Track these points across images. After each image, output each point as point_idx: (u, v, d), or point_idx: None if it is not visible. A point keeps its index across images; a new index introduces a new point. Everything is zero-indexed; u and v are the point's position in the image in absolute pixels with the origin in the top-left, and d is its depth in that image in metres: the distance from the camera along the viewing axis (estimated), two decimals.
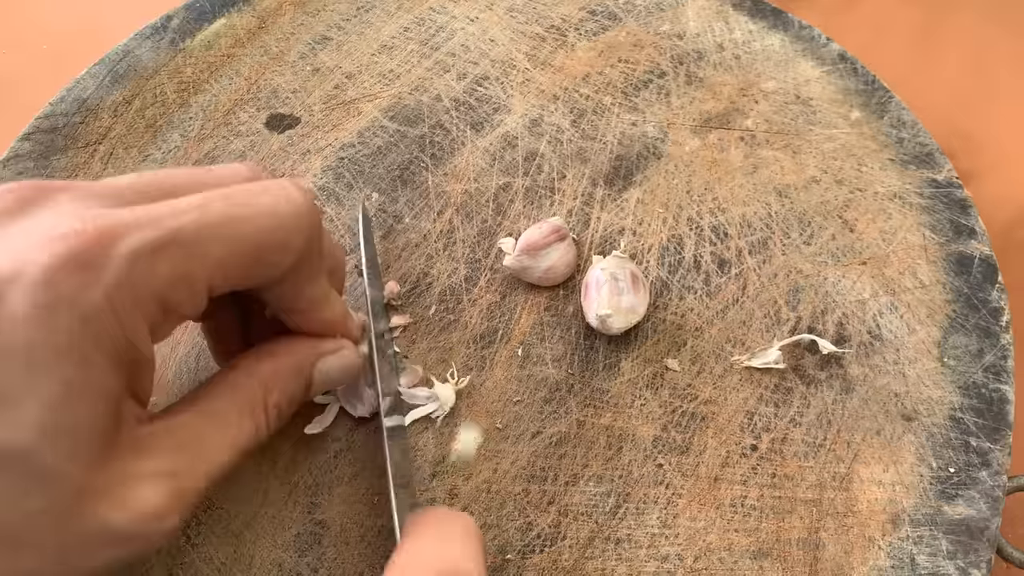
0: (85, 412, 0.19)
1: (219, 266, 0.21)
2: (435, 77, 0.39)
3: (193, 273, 0.20)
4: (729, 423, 0.30)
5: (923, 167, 0.37)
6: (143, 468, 0.20)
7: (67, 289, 0.18)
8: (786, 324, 0.32)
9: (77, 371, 0.18)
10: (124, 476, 0.20)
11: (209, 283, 0.21)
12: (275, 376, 0.25)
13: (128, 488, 0.20)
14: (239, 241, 0.21)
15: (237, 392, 0.24)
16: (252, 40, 0.41)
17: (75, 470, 0.19)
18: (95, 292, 0.18)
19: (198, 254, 0.20)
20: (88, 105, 0.37)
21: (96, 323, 0.18)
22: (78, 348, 0.18)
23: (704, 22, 0.42)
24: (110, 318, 0.19)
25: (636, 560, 0.27)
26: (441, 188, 0.36)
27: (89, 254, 0.18)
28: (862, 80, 0.39)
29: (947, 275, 0.33)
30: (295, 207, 0.22)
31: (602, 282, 0.31)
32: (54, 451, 0.18)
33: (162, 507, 0.20)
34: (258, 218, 0.21)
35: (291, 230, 0.22)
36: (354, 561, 0.27)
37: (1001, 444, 0.29)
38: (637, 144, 0.37)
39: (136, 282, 0.19)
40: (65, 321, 0.18)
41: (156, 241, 0.19)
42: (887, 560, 0.27)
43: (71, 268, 0.18)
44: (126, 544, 0.20)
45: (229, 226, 0.21)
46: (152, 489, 0.20)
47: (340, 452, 0.29)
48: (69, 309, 0.18)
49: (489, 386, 0.30)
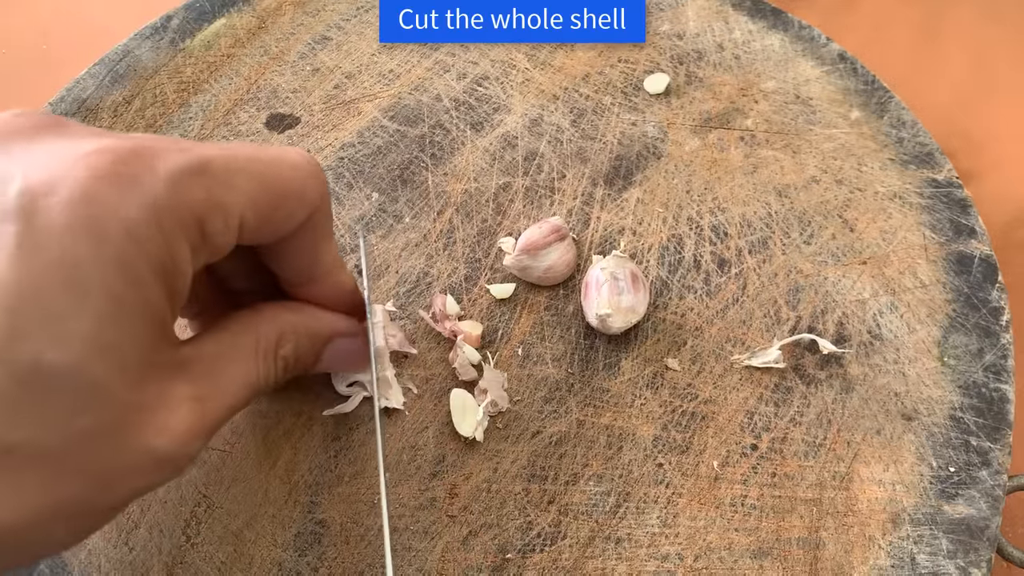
0: (134, 328, 0.18)
1: (248, 199, 0.21)
2: (435, 77, 0.39)
3: (227, 202, 0.20)
4: (729, 423, 0.30)
5: (923, 167, 0.37)
6: (179, 391, 0.20)
7: (111, 202, 0.17)
8: (786, 324, 0.32)
9: (126, 286, 0.18)
10: (163, 397, 0.19)
11: (241, 215, 0.20)
12: (293, 329, 0.25)
13: (167, 409, 0.19)
14: (264, 179, 0.21)
15: (254, 332, 0.24)
16: (252, 40, 0.41)
17: (123, 388, 0.18)
18: (140, 206, 0.18)
19: (230, 183, 0.20)
20: (88, 105, 0.37)
21: (143, 238, 0.18)
22: (126, 262, 0.18)
23: (704, 22, 0.42)
24: (156, 234, 0.18)
25: (636, 559, 0.27)
26: (441, 188, 0.36)
27: (131, 168, 0.18)
28: (862, 80, 0.39)
29: (947, 275, 0.33)
30: (308, 162, 0.23)
31: (602, 282, 0.31)
32: (104, 367, 0.18)
33: (197, 430, 0.20)
34: (277, 163, 0.22)
35: (307, 179, 0.22)
36: (354, 561, 0.27)
37: (1001, 443, 0.29)
38: (637, 144, 0.37)
39: (177, 202, 0.19)
40: (112, 234, 0.17)
41: (191, 164, 0.19)
42: (887, 559, 0.27)
43: (113, 181, 0.18)
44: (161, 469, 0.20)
45: (254, 165, 0.21)
46: (184, 411, 0.20)
47: (340, 452, 0.29)
48: (116, 223, 0.17)
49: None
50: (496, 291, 0.32)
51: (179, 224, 0.19)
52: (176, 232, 0.19)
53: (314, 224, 0.23)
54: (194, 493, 0.28)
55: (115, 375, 0.18)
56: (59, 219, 0.17)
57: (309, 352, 0.26)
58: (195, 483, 0.28)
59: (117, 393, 0.18)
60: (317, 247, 0.24)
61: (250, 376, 0.23)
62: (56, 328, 0.17)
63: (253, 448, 0.29)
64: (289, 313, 0.25)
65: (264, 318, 0.24)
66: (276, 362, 0.24)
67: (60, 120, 0.20)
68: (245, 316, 0.24)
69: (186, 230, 0.19)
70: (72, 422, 0.18)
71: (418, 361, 0.31)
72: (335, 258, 0.25)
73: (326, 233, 0.24)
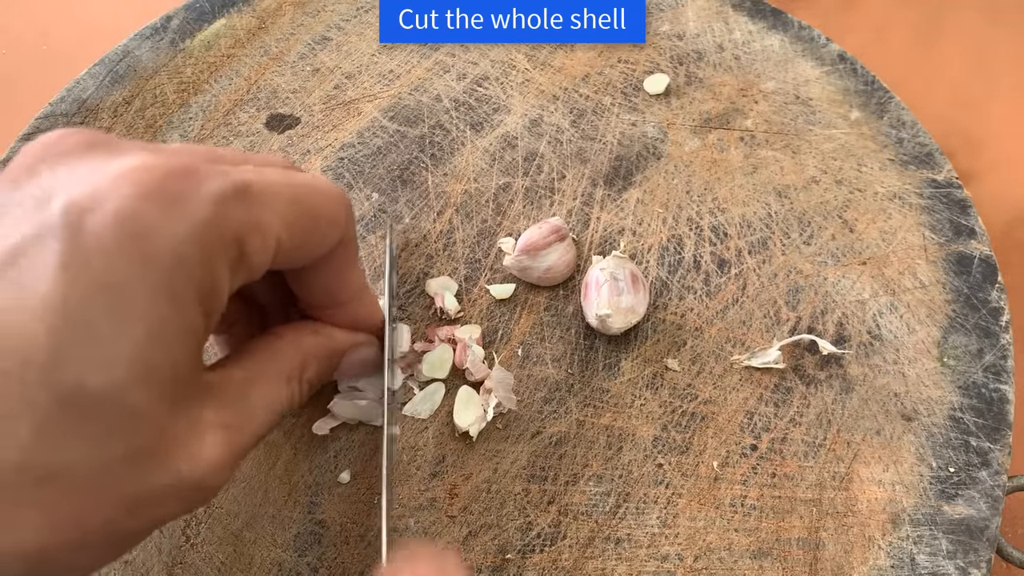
0: (175, 352, 0.18)
1: (285, 222, 0.21)
2: (435, 77, 0.39)
3: (265, 223, 0.20)
4: (729, 423, 0.30)
5: (923, 167, 0.37)
6: (208, 417, 0.20)
7: (157, 221, 0.17)
8: (786, 324, 0.32)
9: (171, 310, 0.18)
10: (194, 424, 0.19)
11: (278, 236, 0.21)
12: (316, 352, 0.25)
13: (198, 437, 0.19)
14: (300, 202, 0.21)
15: (279, 358, 0.24)
16: (252, 40, 0.41)
17: (160, 413, 0.18)
18: (184, 226, 0.18)
19: (268, 205, 0.20)
20: (88, 105, 0.37)
21: (187, 257, 0.18)
22: (171, 284, 0.17)
23: (704, 22, 0.42)
24: (199, 254, 0.18)
25: (636, 560, 0.27)
26: (441, 188, 0.36)
27: (176, 187, 0.18)
28: (862, 80, 0.39)
29: (947, 275, 0.33)
30: (338, 190, 0.23)
31: (602, 282, 0.31)
32: (145, 393, 0.17)
33: (225, 459, 0.20)
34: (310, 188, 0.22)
35: (338, 205, 0.23)
36: (354, 561, 0.27)
37: (1001, 444, 0.29)
38: (637, 144, 0.37)
39: (220, 223, 0.19)
40: (159, 256, 0.17)
41: (234, 186, 0.19)
42: (887, 560, 0.27)
43: (159, 200, 0.17)
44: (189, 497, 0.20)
45: (289, 189, 0.21)
46: (214, 439, 0.20)
47: (340, 452, 0.29)
48: (162, 243, 0.17)
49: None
50: (496, 291, 0.32)
51: (222, 245, 0.19)
52: (218, 253, 0.19)
53: (342, 250, 0.24)
54: None
55: (154, 401, 0.18)
56: (104, 237, 0.17)
57: (328, 370, 0.26)
58: None
59: (154, 418, 0.18)
60: (343, 273, 0.25)
61: (277, 401, 0.23)
62: (100, 351, 0.17)
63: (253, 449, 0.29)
64: (310, 336, 0.25)
65: (288, 343, 0.24)
66: (302, 385, 0.25)
67: (109, 138, 0.20)
68: (269, 342, 0.24)
69: (227, 251, 0.19)
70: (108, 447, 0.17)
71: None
72: (360, 284, 0.26)
73: (352, 260, 0.25)
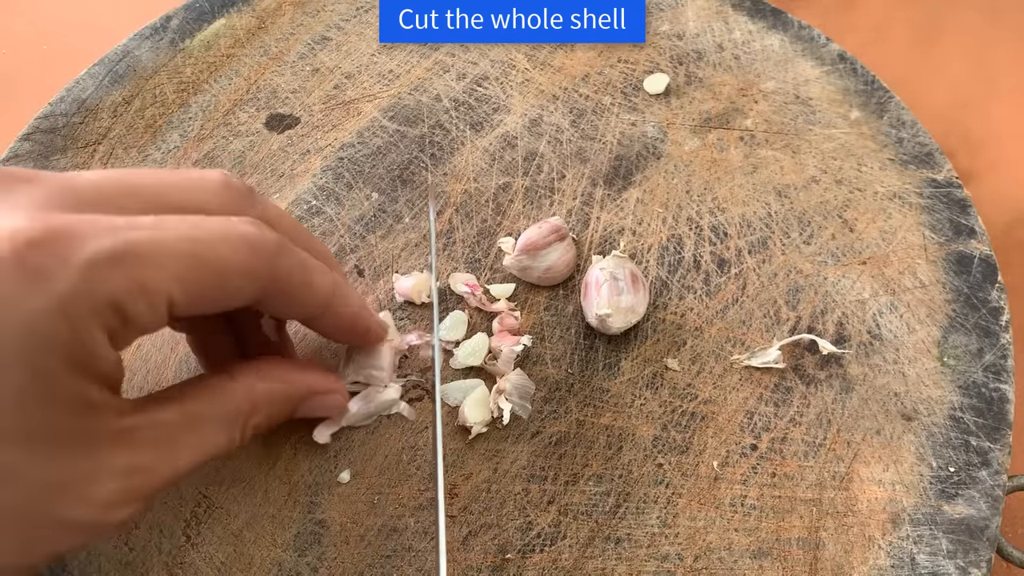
0: (46, 415, 0.18)
1: (179, 282, 0.20)
2: (435, 77, 0.39)
3: (151, 286, 0.19)
4: (729, 423, 0.30)
5: (923, 167, 0.37)
6: (113, 463, 0.20)
7: (13, 295, 0.17)
8: (786, 324, 0.32)
9: (31, 379, 0.18)
10: (92, 471, 0.20)
11: (169, 297, 0.20)
12: (268, 399, 0.25)
13: (93, 483, 0.20)
14: (198, 259, 0.20)
15: (226, 402, 0.24)
16: (252, 40, 0.41)
17: (37, 469, 0.19)
18: (45, 298, 0.18)
19: (156, 267, 0.20)
20: (88, 105, 0.37)
21: (47, 330, 0.18)
22: (28, 358, 0.18)
23: (704, 22, 0.42)
24: (62, 325, 0.18)
25: (636, 559, 0.27)
26: (441, 188, 0.36)
27: (38, 259, 0.18)
28: (862, 80, 0.39)
29: (947, 275, 0.33)
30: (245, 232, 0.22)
31: (602, 282, 0.31)
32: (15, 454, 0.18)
33: (122, 502, 0.20)
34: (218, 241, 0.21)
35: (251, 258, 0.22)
36: (354, 561, 0.27)
37: (1001, 444, 0.29)
38: (637, 144, 0.37)
39: (91, 290, 0.18)
40: (11, 329, 0.17)
41: (112, 250, 0.19)
42: (887, 559, 0.27)
43: (16, 273, 0.17)
44: (83, 534, 0.20)
45: (187, 245, 0.20)
46: (116, 484, 0.20)
47: (340, 452, 0.29)
48: (16, 316, 0.17)
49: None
50: (496, 291, 0.32)
51: (91, 312, 0.18)
52: (87, 321, 0.19)
53: (280, 285, 0.23)
54: (194, 493, 0.28)
55: (25, 459, 0.18)
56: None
57: (283, 414, 0.26)
58: (195, 483, 0.28)
59: (30, 474, 0.18)
60: (294, 299, 0.24)
61: (212, 445, 0.23)
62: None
63: (253, 448, 0.29)
64: (264, 383, 0.25)
65: (237, 386, 0.24)
66: (245, 431, 0.24)
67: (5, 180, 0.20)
68: (219, 382, 0.24)
69: (100, 317, 0.19)
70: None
71: (417, 362, 0.31)
72: (325, 296, 0.25)
73: (298, 284, 0.24)
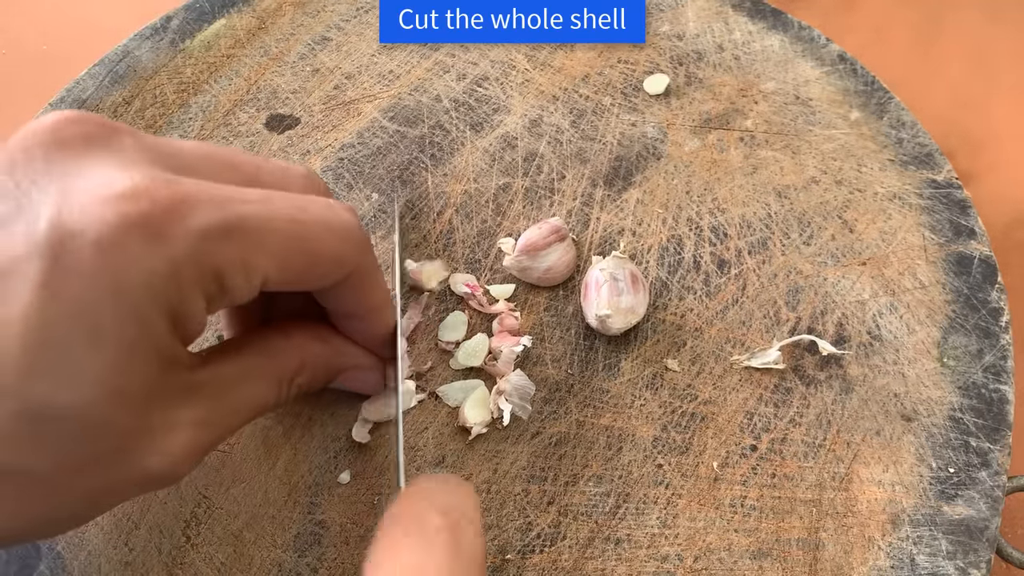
0: (144, 370, 0.19)
1: (277, 261, 0.21)
2: (435, 78, 0.39)
3: (253, 262, 0.20)
4: (729, 423, 0.30)
5: (923, 167, 0.37)
6: (183, 416, 0.21)
7: (135, 253, 0.18)
8: (786, 324, 0.32)
9: (140, 335, 0.19)
10: (165, 422, 0.20)
11: (265, 275, 0.21)
12: (317, 360, 0.26)
13: (166, 434, 0.20)
14: (299, 242, 0.21)
15: (279, 358, 0.24)
16: (252, 40, 0.41)
17: (126, 420, 0.19)
18: (162, 261, 0.18)
19: (260, 244, 0.20)
20: (88, 105, 0.37)
21: (160, 290, 0.19)
22: (141, 313, 0.18)
23: (704, 23, 0.42)
24: (173, 287, 0.19)
25: (636, 560, 0.27)
26: (441, 188, 0.36)
27: (159, 221, 0.18)
28: (862, 81, 0.39)
29: (947, 275, 0.33)
30: (351, 227, 0.23)
31: (601, 282, 0.31)
32: (112, 407, 0.19)
33: (190, 455, 0.21)
34: (318, 227, 0.22)
35: (346, 244, 0.23)
36: (354, 561, 0.27)
37: (1001, 444, 0.29)
38: (637, 144, 0.37)
39: (201, 259, 0.19)
40: (132, 286, 0.18)
41: (224, 223, 0.19)
42: (887, 560, 0.27)
43: (140, 232, 0.18)
44: (151, 484, 0.21)
45: (291, 227, 0.21)
46: (186, 436, 0.21)
47: (340, 452, 0.29)
48: (136, 274, 0.18)
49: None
50: (496, 292, 0.32)
51: (199, 279, 0.19)
52: (194, 286, 0.19)
53: (356, 278, 0.24)
54: (194, 494, 0.28)
55: (120, 412, 0.19)
56: (84, 263, 0.18)
57: (323, 379, 0.27)
58: (195, 484, 0.28)
59: (120, 425, 0.19)
60: (358, 295, 0.25)
61: (263, 400, 0.24)
62: (70, 371, 0.18)
63: (253, 449, 0.29)
64: (315, 344, 0.26)
65: (290, 344, 0.25)
66: (290, 388, 0.25)
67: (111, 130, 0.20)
68: (271, 338, 0.25)
69: (204, 285, 0.20)
70: (72, 452, 0.19)
71: (417, 362, 0.31)
72: (379, 301, 0.26)
73: (369, 283, 0.25)
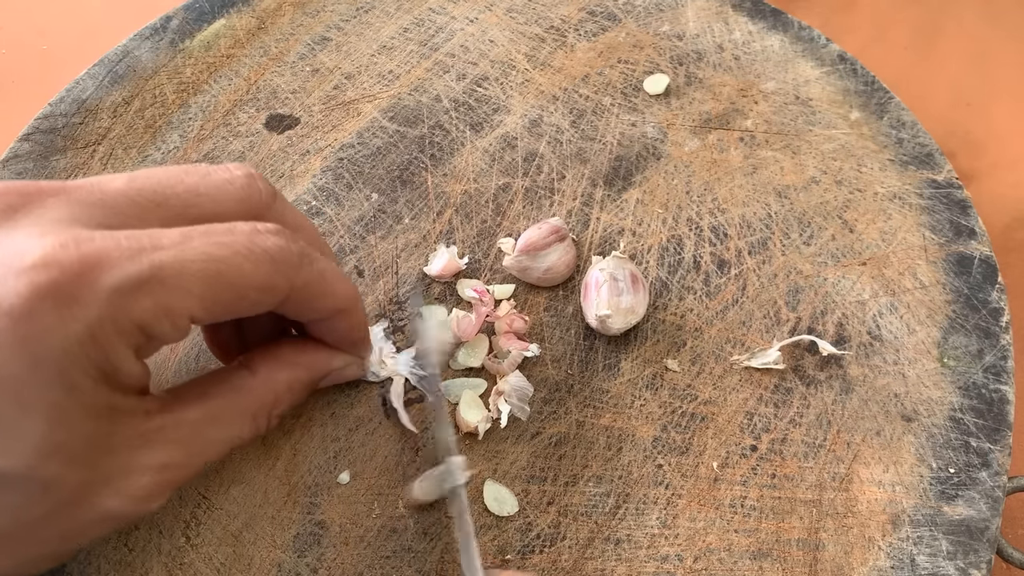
0: (80, 429, 0.19)
1: (199, 302, 0.21)
2: (435, 78, 0.39)
3: (174, 306, 0.20)
4: (729, 423, 0.30)
5: (923, 168, 0.36)
6: (143, 461, 0.21)
7: (48, 321, 0.18)
8: (786, 325, 0.32)
9: (66, 396, 0.19)
10: (123, 468, 0.21)
11: (191, 315, 0.21)
12: (288, 388, 0.26)
13: (127, 479, 0.21)
14: (221, 279, 0.21)
15: (248, 396, 0.24)
16: (252, 41, 0.41)
17: (74, 475, 0.20)
18: (77, 324, 0.19)
19: (178, 289, 0.20)
20: (87, 106, 0.37)
21: (80, 352, 0.19)
22: (65, 376, 0.19)
23: (704, 23, 0.42)
24: (93, 347, 0.19)
25: (636, 560, 0.27)
26: (441, 188, 0.36)
27: (70, 287, 0.19)
28: (862, 80, 0.39)
29: (947, 276, 0.33)
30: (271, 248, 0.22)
31: (601, 282, 0.31)
32: (54, 466, 0.19)
33: (156, 494, 0.22)
34: (240, 259, 0.21)
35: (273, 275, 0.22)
36: (354, 561, 0.27)
37: (1001, 444, 0.29)
38: (637, 144, 0.37)
39: (117, 316, 0.19)
40: (50, 353, 0.18)
41: (138, 276, 0.19)
42: (887, 560, 0.27)
43: (52, 300, 0.18)
44: (120, 522, 0.22)
45: (211, 266, 0.21)
46: (149, 479, 0.21)
47: (340, 452, 0.29)
48: (53, 341, 0.18)
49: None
50: (496, 292, 0.32)
51: (119, 334, 0.20)
52: (116, 341, 0.20)
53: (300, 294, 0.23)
54: (194, 494, 0.28)
55: (65, 468, 0.19)
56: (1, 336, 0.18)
57: (303, 396, 0.27)
58: (195, 484, 0.28)
59: (70, 480, 0.20)
60: (314, 305, 0.24)
61: (233, 437, 0.24)
62: (4, 438, 0.18)
63: (252, 449, 0.29)
64: (283, 372, 0.25)
65: (260, 382, 0.25)
66: (270, 421, 0.25)
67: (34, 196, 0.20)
68: (240, 378, 0.25)
69: (127, 337, 0.20)
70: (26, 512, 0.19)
71: None
72: (338, 304, 0.25)
73: (319, 292, 0.24)
